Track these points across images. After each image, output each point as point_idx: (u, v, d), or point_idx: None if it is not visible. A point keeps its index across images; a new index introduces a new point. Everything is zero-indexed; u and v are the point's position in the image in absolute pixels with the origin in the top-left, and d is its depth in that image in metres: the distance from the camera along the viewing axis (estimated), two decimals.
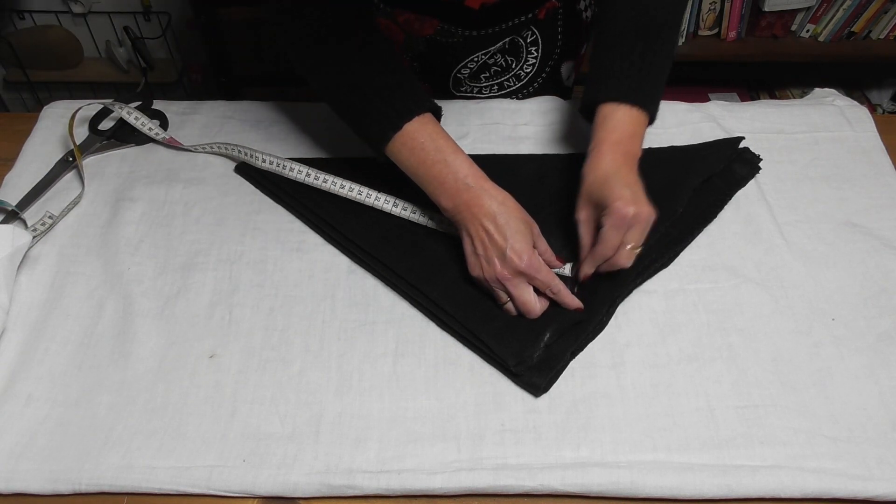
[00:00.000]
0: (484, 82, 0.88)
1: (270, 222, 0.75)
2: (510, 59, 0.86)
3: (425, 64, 0.86)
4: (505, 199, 0.65)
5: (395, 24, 0.81)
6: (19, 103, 2.00)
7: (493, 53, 0.84)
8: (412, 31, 0.82)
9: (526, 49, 0.85)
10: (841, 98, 0.89)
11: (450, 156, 0.65)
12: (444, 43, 0.82)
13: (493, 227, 0.63)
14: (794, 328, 0.67)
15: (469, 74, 0.86)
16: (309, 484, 0.57)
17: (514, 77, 0.89)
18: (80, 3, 1.76)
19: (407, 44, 0.84)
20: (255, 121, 0.85)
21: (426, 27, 0.80)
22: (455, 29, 0.80)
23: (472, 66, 0.85)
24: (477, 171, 0.65)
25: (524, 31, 0.83)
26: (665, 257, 0.71)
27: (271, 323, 0.67)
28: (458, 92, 0.89)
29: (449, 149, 0.66)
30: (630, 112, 0.67)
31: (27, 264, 0.71)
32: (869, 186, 0.78)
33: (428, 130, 0.66)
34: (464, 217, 0.65)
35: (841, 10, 1.64)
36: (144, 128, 0.82)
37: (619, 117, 0.67)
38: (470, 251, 0.65)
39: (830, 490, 0.57)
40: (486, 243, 0.64)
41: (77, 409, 0.61)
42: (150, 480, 0.57)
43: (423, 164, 0.65)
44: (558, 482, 0.57)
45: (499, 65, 0.86)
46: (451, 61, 0.85)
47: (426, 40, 0.82)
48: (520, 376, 0.62)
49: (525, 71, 0.88)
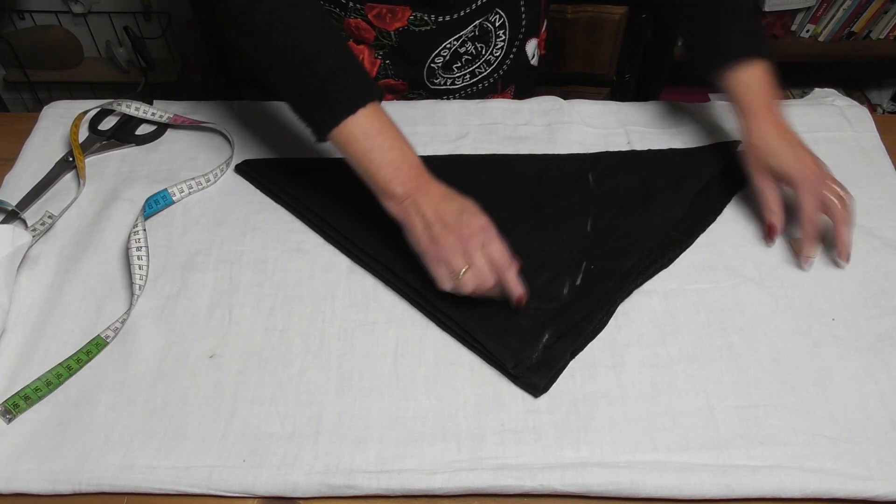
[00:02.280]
0: (457, 72, 0.89)
1: (270, 222, 0.75)
2: (480, 46, 0.87)
3: (398, 59, 0.86)
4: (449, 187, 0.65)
5: (365, 21, 0.81)
6: (19, 103, 2.00)
7: (464, 41, 0.85)
8: (383, 25, 0.82)
9: (494, 33, 0.86)
10: (841, 98, 0.89)
11: (404, 143, 0.65)
12: (417, 32, 0.82)
13: (445, 201, 0.63)
14: (794, 328, 0.67)
15: (442, 64, 0.87)
16: (309, 484, 0.57)
17: (485, 63, 0.90)
18: (80, 3, 1.76)
19: (377, 41, 0.84)
20: (255, 121, 0.85)
21: (398, 18, 0.81)
22: (427, 16, 0.81)
23: (444, 55, 0.85)
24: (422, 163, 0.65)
25: (491, 14, 0.84)
26: (665, 258, 0.71)
27: (271, 323, 0.67)
28: (432, 84, 0.89)
29: (402, 137, 0.65)
30: (763, 66, 0.72)
31: (27, 264, 0.71)
32: (869, 186, 0.78)
33: (381, 117, 0.65)
34: (413, 200, 0.63)
35: (841, 10, 1.64)
36: (147, 114, 0.82)
37: (759, 76, 0.72)
38: (421, 228, 0.63)
39: (830, 490, 0.57)
40: (441, 212, 0.62)
41: (77, 409, 0.61)
42: (150, 480, 0.57)
43: (379, 148, 0.64)
44: (558, 482, 0.57)
45: (469, 53, 0.87)
46: (424, 52, 0.85)
47: (398, 32, 0.82)
48: (519, 378, 0.62)
49: (494, 55, 0.89)
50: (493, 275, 0.62)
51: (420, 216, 0.63)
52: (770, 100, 0.72)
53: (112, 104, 0.83)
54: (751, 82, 0.72)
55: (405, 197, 0.63)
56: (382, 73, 0.87)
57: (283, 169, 0.78)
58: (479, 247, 0.62)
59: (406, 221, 0.64)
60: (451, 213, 0.62)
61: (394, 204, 0.64)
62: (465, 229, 0.62)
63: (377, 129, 0.64)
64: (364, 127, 0.64)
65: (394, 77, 0.88)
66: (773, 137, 0.71)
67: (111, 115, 0.85)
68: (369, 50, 0.85)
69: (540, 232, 0.72)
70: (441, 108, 0.86)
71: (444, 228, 0.62)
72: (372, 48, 0.85)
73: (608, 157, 0.81)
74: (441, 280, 0.63)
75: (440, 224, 0.62)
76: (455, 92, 0.91)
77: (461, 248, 0.62)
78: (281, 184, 0.76)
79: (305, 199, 0.74)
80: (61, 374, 0.62)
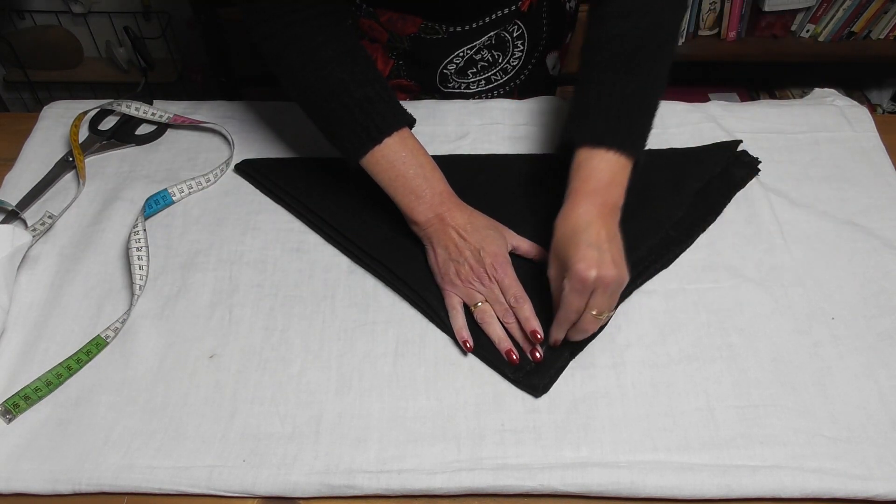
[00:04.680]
0: (471, 77, 0.88)
1: (270, 222, 0.75)
2: (497, 54, 0.86)
3: (411, 62, 0.86)
4: (473, 211, 0.68)
5: (377, 23, 0.82)
6: (19, 103, 2.00)
7: (480, 49, 0.85)
8: (395, 30, 0.82)
9: (512, 43, 0.86)
10: (841, 98, 0.89)
11: (429, 171, 0.67)
12: (429, 40, 0.82)
13: (466, 233, 0.66)
14: (794, 328, 0.67)
15: (455, 70, 0.86)
16: (309, 484, 0.57)
17: (501, 71, 0.89)
18: (80, 3, 1.76)
19: (391, 43, 0.84)
20: (255, 121, 0.85)
21: (409, 25, 0.81)
22: (439, 26, 0.80)
23: (458, 62, 0.85)
24: (451, 189, 0.68)
25: (509, 25, 0.83)
26: (665, 259, 0.71)
27: (271, 323, 0.67)
28: (445, 88, 0.89)
29: (429, 165, 0.67)
30: (607, 157, 0.61)
31: (27, 264, 0.71)
32: (869, 186, 0.78)
33: (408, 145, 0.67)
34: (436, 229, 0.66)
35: (841, 10, 1.64)
36: (147, 114, 0.82)
37: (594, 164, 0.61)
38: (443, 258, 0.66)
39: (830, 490, 0.57)
40: (461, 246, 0.65)
41: (77, 409, 0.61)
42: (150, 480, 0.57)
43: (403, 176, 0.66)
44: (558, 482, 0.57)
45: (485, 60, 0.86)
46: (437, 58, 0.85)
47: (410, 38, 0.82)
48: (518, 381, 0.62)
49: (511, 64, 0.89)
50: (506, 311, 0.65)
51: (443, 247, 0.66)
52: (596, 189, 0.60)
53: (112, 104, 0.83)
54: (584, 167, 0.61)
55: (427, 224, 0.66)
56: (395, 74, 0.87)
57: (283, 169, 0.78)
58: (495, 284, 0.65)
59: (428, 247, 0.68)
60: (470, 250, 0.65)
61: (418, 229, 0.68)
62: (483, 267, 0.65)
63: (402, 158, 0.66)
64: (390, 157, 0.66)
65: (406, 78, 0.87)
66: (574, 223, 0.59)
67: (111, 115, 0.85)
68: (383, 50, 0.85)
69: (540, 232, 0.72)
70: (441, 108, 0.86)
71: (463, 264, 0.65)
72: (385, 48, 0.85)
73: None
74: (452, 311, 0.66)
75: (460, 259, 0.65)
76: (469, 97, 0.91)
77: (479, 285, 0.65)
78: (281, 184, 0.76)
79: (305, 199, 0.74)
80: (61, 374, 0.62)
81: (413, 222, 0.68)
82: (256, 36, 0.68)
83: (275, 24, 0.66)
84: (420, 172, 0.66)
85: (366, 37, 0.84)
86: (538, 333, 0.63)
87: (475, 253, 0.65)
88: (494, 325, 0.65)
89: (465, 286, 0.65)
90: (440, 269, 0.66)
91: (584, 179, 0.61)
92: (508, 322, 0.65)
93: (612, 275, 0.57)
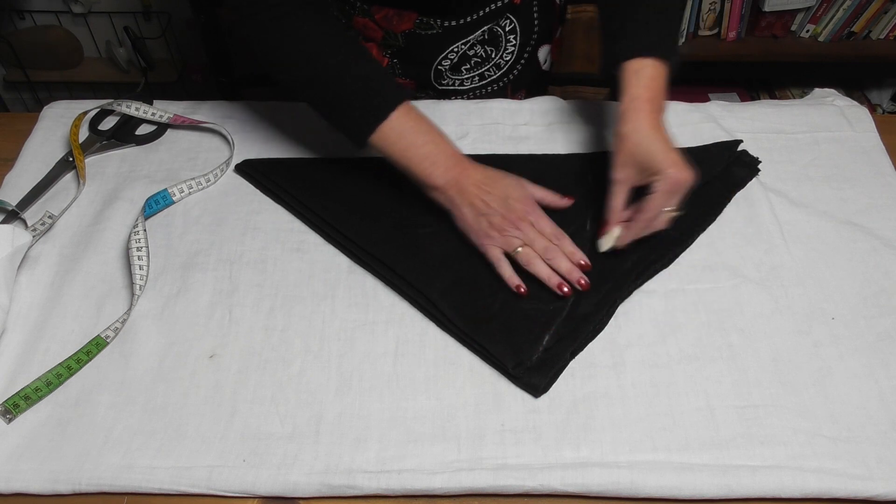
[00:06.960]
0: (465, 74, 0.89)
1: (270, 222, 0.75)
2: (490, 50, 0.87)
3: (405, 59, 0.86)
4: (487, 167, 0.69)
5: (372, 21, 0.82)
6: (19, 103, 2.00)
7: (473, 44, 0.85)
8: (390, 27, 0.82)
9: (505, 38, 0.87)
10: (841, 98, 0.89)
11: (438, 137, 0.69)
12: (423, 35, 0.83)
13: (488, 185, 0.67)
14: (794, 328, 0.67)
15: (450, 66, 0.87)
16: (309, 484, 0.57)
17: (495, 66, 0.90)
18: (80, 3, 1.76)
19: (385, 41, 0.84)
20: (255, 121, 0.85)
21: (405, 21, 0.81)
22: (434, 20, 0.81)
23: (452, 58, 0.86)
24: (461, 152, 0.69)
25: (501, 19, 0.84)
26: (665, 258, 0.71)
27: (271, 323, 0.67)
28: (440, 85, 0.90)
29: (436, 131, 0.69)
30: (657, 66, 0.68)
31: (27, 264, 0.71)
32: (869, 186, 0.78)
33: (413, 116, 0.68)
34: (457, 190, 0.67)
35: (841, 10, 1.64)
36: (147, 114, 0.82)
37: (648, 72, 0.67)
38: (472, 216, 0.67)
39: (830, 490, 0.57)
40: (486, 199, 0.67)
41: (77, 409, 0.61)
42: (150, 480, 0.57)
43: (414, 145, 0.68)
44: (558, 482, 0.57)
45: (479, 56, 0.87)
46: (432, 54, 0.85)
47: (405, 34, 0.83)
48: (519, 378, 0.62)
49: (505, 59, 0.89)
50: (546, 248, 0.66)
51: (468, 205, 0.67)
52: (655, 97, 0.67)
53: (112, 104, 0.83)
54: (641, 75, 0.68)
55: (447, 187, 0.68)
56: (390, 72, 0.87)
57: (283, 169, 0.78)
58: (530, 225, 0.67)
59: (453, 210, 0.69)
60: (497, 200, 0.67)
61: (438, 194, 0.69)
62: (514, 213, 0.67)
63: (410, 128, 0.68)
64: (397, 129, 0.67)
65: (401, 76, 0.88)
66: (648, 129, 0.66)
67: (111, 115, 0.85)
68: (377, 48, 0.85)
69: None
70: (441, 108, 0.86)
71: (494, 215, 0.66)
72: (380, 47, 0.85)
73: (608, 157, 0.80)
74: (498, 263, 0.67)
75: (490, 211, 0.66)
76: (463, 93, 0.91)
77: (514, 231, 0.66)
78: (281, 184, 0.76)
79: (305, 199, 0.74)
80: (61, 374, 0.62)
81: (433, 188, 0.68)
82: (247, 33, 0.69)
83: (261, 18, 0.68)
84: (430, 139, 0.68)
85: (360, 36, 0.84)
86: (585, 262, 0.67)
87: (503, 202, 0.67)
88: (539, 264, 0.66)
89: (502, 235, 0.66)
90: (472, 226, 0.68)
91: (644, 87, 0.67)
92: (550, 258, 0.66)
93: (693, 175, 0.65)
